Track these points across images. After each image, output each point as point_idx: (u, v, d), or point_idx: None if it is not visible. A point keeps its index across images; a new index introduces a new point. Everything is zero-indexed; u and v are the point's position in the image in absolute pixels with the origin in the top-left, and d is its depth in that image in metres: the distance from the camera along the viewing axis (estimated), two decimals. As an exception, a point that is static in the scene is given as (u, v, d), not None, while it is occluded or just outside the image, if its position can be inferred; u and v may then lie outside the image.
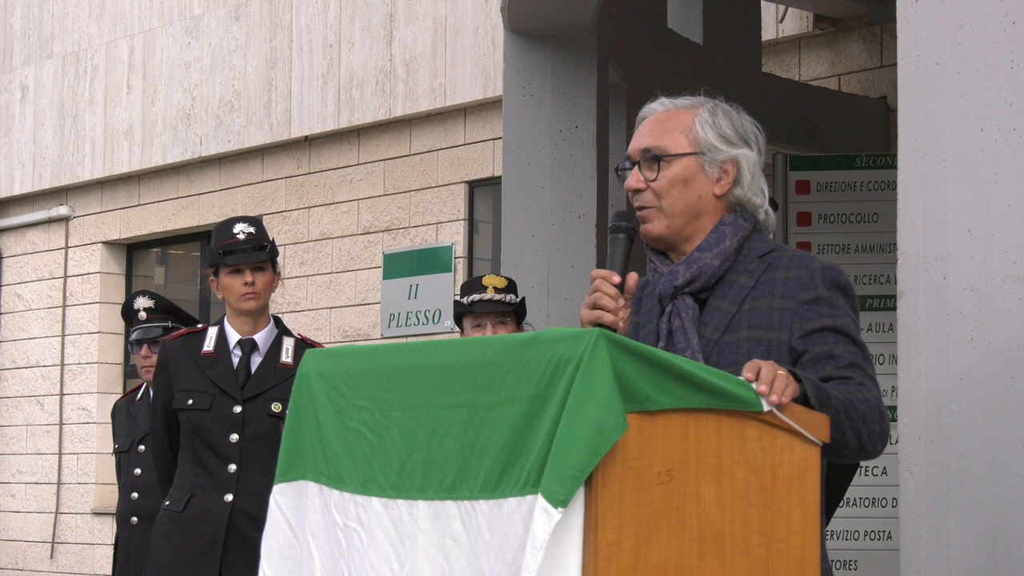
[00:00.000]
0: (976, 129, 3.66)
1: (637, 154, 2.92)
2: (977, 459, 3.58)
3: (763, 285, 2.82)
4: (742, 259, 2.86)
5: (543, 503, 2.30)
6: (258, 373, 4.85)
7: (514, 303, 5.08)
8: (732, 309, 2.81)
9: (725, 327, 2.80)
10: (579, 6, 6.65)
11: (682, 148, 2.88)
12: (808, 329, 2.76)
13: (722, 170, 2.89)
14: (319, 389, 2.81)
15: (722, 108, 2.95)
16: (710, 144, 2.89)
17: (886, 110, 8.52)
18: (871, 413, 2.71)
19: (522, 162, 6.73)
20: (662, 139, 2.90)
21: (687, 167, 2.88)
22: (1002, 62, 3.64)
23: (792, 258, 2.86)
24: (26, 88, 13.25)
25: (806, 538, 2.53)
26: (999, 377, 3.58)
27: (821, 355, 2.75)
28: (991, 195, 3.63)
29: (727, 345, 2.78)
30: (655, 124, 2.93)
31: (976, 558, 3.57)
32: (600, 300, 2.74)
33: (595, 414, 2.30)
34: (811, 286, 2.79)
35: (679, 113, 2.93)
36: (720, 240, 2.86)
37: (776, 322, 2.78)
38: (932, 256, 3.69)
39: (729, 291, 2.84)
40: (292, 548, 2.85)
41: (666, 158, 2.88)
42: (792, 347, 2.76)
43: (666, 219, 2.88)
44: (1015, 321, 3.56)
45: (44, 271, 13.19)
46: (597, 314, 2.73)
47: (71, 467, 12.73)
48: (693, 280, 2.84)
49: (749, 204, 2.92)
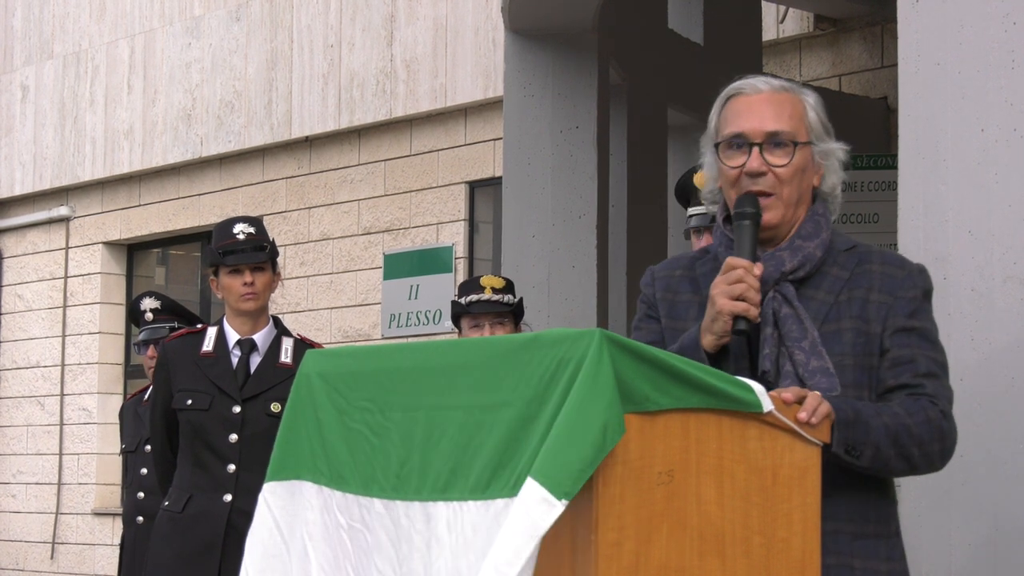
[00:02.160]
0: (977, 129, 3.66)
1: (759, 135, 2.82)
2: (977, 459, 3.58)
3: (858, 277, 2.80)
4: (831, 252, 2.84)
5: (543, 493, 2.25)
6: (257, 373, 4.85)
7: (512, 303, 5.07)
8: (830, 299, 2.78)
9: (824, 317, 2.77)
10: (580, 6, 6.66)
11: (804, 136, 2.84)
12: (898, 326, 2.75)
13: (823, 161, 2.88)
14: (320, 390, 2.80)
15: (816, 96, 2.91)
16: (819, 134, 2.87)
17: (887, 110, 8.52)
18: (929, 434, 2.69)
19: (523, 162, 6.73)
20: (788, 123, 2.83)
21: (805, 156, 2.84)
22: (1003, 62, 3.65)
23: (884, 254, 2.85)
24: (27, 88, 13.26)
25: (806, 538, 2.53)
26: (999, 377, 3.58)
27: (902, 359, 2.74)
28: (992, 195, 3.63)
29: (829, 335, 2.75)
30: (773, 106, 2.85)
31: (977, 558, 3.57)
32: (747, 292, 2.69)
33: (600, 413, 2.30)
34: (911, 285, 2.78)
35: (791, 98, 2.86)
36: (819, 230, 2.83)
37: (873, 315, 2.76)
38: (932, 256, 3.69)
39: (823, 282, 2.80)
40: (277, 547, 2.83)
41: (799, 145, 2.82)
42: (881, 341, 2.75)
43: (783, 207, 2.82)
44: (1015, 321, 3.56)
45: (45, 271, 13.20)
46: (744, 307, 2.68)
47: (71, 467, 12.73)
48: (798, 268, 2.80)
49: (836, 199, 2.90)
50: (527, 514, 2.26)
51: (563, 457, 2.28)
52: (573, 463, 2.27)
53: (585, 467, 2.28)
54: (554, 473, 2.27)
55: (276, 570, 2.82)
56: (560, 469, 2.27)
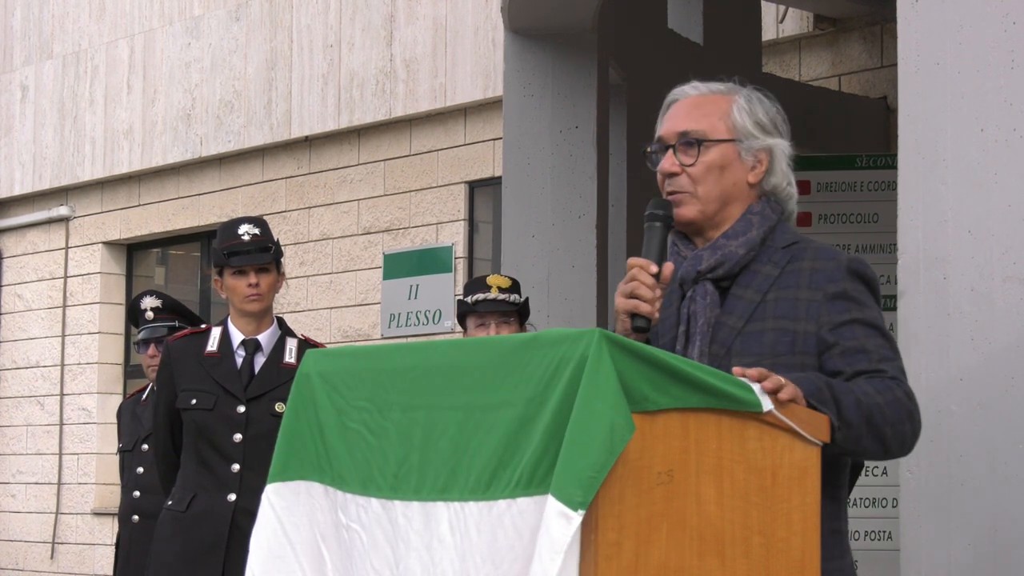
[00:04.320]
0: (976, 129, 3.66)
1: (672, 137, 2.86)
2: (977, 459, 3.58)
3: (788, 275, 2.79)
4: (767, 249, 2.82)
5: (559, 507, 2.26)
6: (261, 373, 4.86)
7: (518, 303, 5.09)
8: (756, 298, 2.78)
9: (749, 316, 2.77)
10: (579, 6, 6.65)
11: (721, 134, 2.84)
12: (838, 321, 2.73)
13: (757, 159, 2.86)
14: (319, 389, 2.80)
15: (756, 95, 2.91)
16: (747, 131, 2.85)
17: (886, 110, 8.52)
18: (897, 415, 2.67)
19: (522, 162, 6.73)
20: (700, 123, 2.85)
21: (724, 153, 2.84)
22: (1002, 62, 3.64)
23: (818, 250, 2.82)
24: (26, 88, 13.25)
25: (806, 538, 2.53)
26: (999, 377, 3.58)
27: (853, 349, 2.71)
28: (991, 195, 3.63)
29: (751, 334, 2.75)
30: (691, 108, 2.88)
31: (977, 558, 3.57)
32: (638, 290, 2.69)
33: (606, 414, 2.29)
34: (838, 278, 2.76)
35: (715, 98, 2.89)
36: (747, 229, 2.83)
37: (802, 313, 2.74)
38: (932, 256, 3.69)
39: (753, 280, 2.80)
40: (282, 548, 2.82)
41: (706, 143, 2.83)
42: (821, 338, 2.73)
43: (700, 204, 2.83)
44: (1015, 321, 3.56)
45: (44, 271, 13.19)
46: (634, 303, 2.69)
47: (71, 467, 12.73)
48: (717, 267, 2.81)
49: (783, 193, 2.89)
50: (548, 532, 2.27)
51: (574, 467, 2.28)
52: (584, 470, 2.27)
53: (597, 472, 2.27)
54: (567, 485, 2.27)
55: (281, 571, 2.82)
56: (572, 480, 2.27)
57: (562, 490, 2.27)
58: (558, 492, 2.28)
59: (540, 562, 2.26)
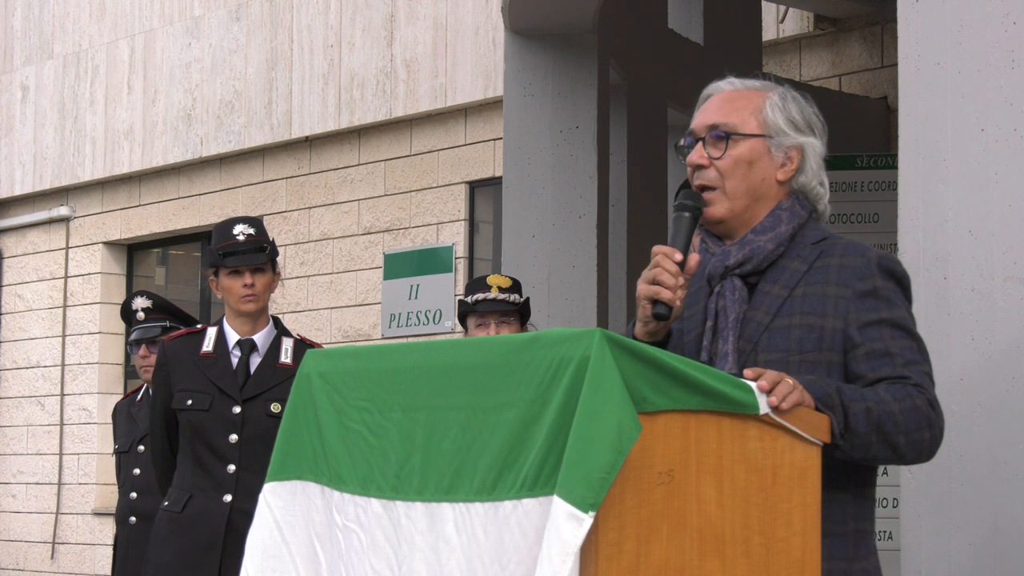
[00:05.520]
0: (977, 129, 3.66)
1: (703, 130, 2.85)
2: (977, 459, 3.58)
3: (817, 271, 2.77)
4: (796, 246, 2.81)
5: (568, 508, 2.25)
6: (257, 373, 4.85)
7: (518, 303, 5.09)
8: (784, 294, 2.76)
9: (776, 311, 2.75)
10: (579, 6, 6.66)
11: (751, 129, 2.83)
12: (866, 320, 2.71)
13: (787, 156, 2.85)
14: (319, 390, 2.80)
15: (791, 94, 2.90)
16: (779, 128, 2.84)
17: (886, 110, 8.52)
18: (914, 423, 2.65)
19: (523, 162, 6.73)
20: (731, 117, 2.84)
21: (754, 148, 2.83)
22: (1003, 62, 3.64)
23: (847, 246, 2.81)
24: (27, 88, 13.26)
25: (807, 538, 2.53)
26: (999, 377, 3.58)
27: (878, 352, 2.69)
28: (992, 195, 3.63)
29: (778, 330, 2.74)
30: (724, 102, 2.87)
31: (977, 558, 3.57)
32: (660, 276, 2.68)
33: (612, 414, 2.29)
34: (868, 275, 2.74)
35: (749, 94, 2.88)
36: (776, 224, 2.81)
37: (831, 309, 2.73)
38: (932, 256, 3.69)
39: (781, 276, 2.79)
40: (278, 548, 2.82)
41: (734, 136, 2.82)
42: (848, 336, 2.71)
43: (728, 202, 2.81)
44: (1015, 321, 3.56)
45: (45, 271, 13.20)
46: (656, 289, 2.67)
47: (72, 467, 12.74)
48: (745, 262, 2.79)
49: (812, 193, 2.88)
50: (558, 534, 2.26)
51: (583, 468, 2.27)
52: (594, 472, 2.26)
53: (607, 472, 2.27)
54: (576, 486, 2.26)
55: (277, 570, 2.82)
56: (581, 481, 2.26)
57: (570, 492, 2.26)
58: (566, 494, 2.27)
59: (550, 563, 2.25)
